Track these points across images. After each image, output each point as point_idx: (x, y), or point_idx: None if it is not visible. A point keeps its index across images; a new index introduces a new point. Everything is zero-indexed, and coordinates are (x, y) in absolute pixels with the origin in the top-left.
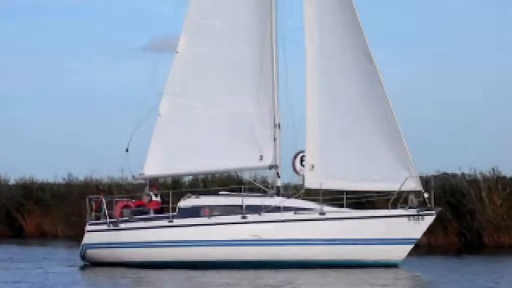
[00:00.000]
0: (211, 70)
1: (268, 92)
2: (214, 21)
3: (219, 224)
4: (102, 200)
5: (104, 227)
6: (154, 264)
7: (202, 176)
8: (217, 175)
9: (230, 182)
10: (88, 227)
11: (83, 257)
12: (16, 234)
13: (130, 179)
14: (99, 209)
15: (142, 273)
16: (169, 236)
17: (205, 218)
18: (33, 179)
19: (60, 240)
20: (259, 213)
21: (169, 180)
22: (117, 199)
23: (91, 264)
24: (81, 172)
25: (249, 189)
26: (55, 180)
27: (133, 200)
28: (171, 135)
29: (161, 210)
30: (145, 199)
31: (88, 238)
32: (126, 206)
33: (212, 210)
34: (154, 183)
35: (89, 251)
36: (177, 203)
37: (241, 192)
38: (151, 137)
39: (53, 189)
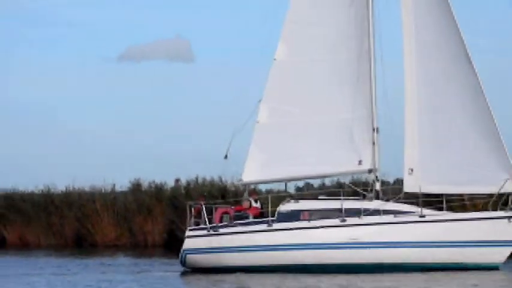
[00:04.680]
0: (309, 76)
1: (366, 96)
2: (312, 28)
3: (318, 227)
4: (202, 206)
5: (204, 232)
6: (254, 269)
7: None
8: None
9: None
10: (188, 233)
11: (183, 262)
12: None
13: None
14: (198, 215)
15: (243, 278)
16: (268, 240)
17: (304, 222)
18: (14, 189)
19: (47, 249)
20: (359, 217)
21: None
22: (217, 205)
23: (191, 270)
24: (62, 181)
25: (347, 193)
26: (34, 190)
27: (233, 207)
28: (269, 141)
29: (261, 216)
30: (245, 204)
31: (188, 244)
32: (226, 213)
33: (311, 214)
34: (254, 189)
35: (189, 257)
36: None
37: (340, 196)
38: (250, 144)
39: (34, 199)
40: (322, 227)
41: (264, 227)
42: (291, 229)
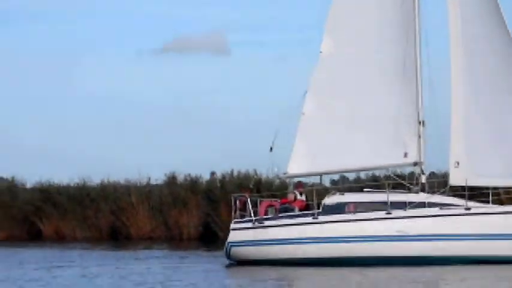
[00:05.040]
0: (354, 69)
1: (412, 89)
2: (357, 20)
3: (363, 220)
4: (247, 199)
5: (249, 224)
6: (299, 261)
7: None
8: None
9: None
10: (233, 225)
11: (228, 255)
12: (34, 238)
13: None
14: (243, 207)
15: (288, 271)
16: (314, 232)
17: (350, 215)
18: (49, 183)
19: (83, 242)
20: (404, 209)
21: None
22: (262, 198)
23: (236, 262)
24: (97, 174)
25: (392, 186)
26: (70, 183)
27: (278, 200)
28: (314, 134)
29: (306, 209)
30: (291, 197)
31: (233, 236)
32: (271, 205)
33: (357, 207)
34: (300, 182)
35: (234, 249)
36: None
37: (385, 189)
38: (295, 136)
39: (69, 192)
40: (368, 219)
41: (309, 219)
42: (336, 222)
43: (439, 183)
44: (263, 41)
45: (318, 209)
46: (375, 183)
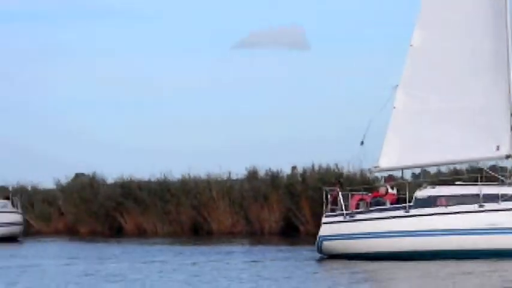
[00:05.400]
0: (445, 62)
1: (504, 82)
2: (448, 13)
3: (456, 213)
4: (338, 193)
5: (341, 218)
6: (390, 255)
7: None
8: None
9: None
10: (324, 219)
11: (319, 249)
12: (115, 233)
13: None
14: (335, 201)
15: (378, 265)
16: (406, 226)
17: (442, 208)
18: (131, 178)
19: (164, 237)
20: (497, 202)
21: None
22: (353, 192)
23: (327, 256)
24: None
25: (476, 180)
26: (151, 178)
27: (369, 194)
28: (406, 127)
29: (397, 202)
30: (382, 191)
31: (324, 230)
32: (362, 199)
33: (449, 200)
34: (391, 176)
35: (326, 243)
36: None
37: (477, 182)
38: (387, 130)
39: (150, 188)
40: (460, 212)
41: (401, 213)
42: (428, 215)
43: None
44: (345, 35)
45: (409, 202)
46: (461, 176)
